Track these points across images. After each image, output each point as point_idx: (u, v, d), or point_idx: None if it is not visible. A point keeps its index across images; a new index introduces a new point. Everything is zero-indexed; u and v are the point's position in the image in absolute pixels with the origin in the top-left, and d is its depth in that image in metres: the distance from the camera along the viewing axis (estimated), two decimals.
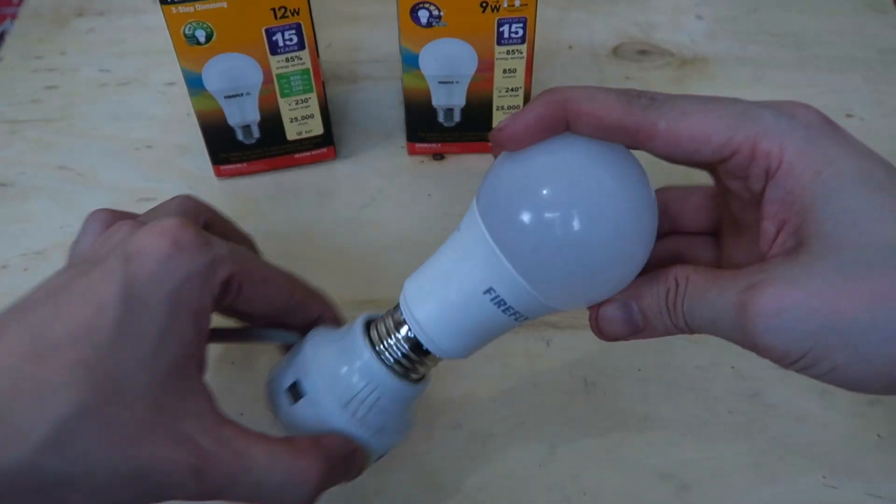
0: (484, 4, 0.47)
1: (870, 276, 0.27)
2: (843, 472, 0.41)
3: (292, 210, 0.53)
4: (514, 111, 0.53)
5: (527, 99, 0.52)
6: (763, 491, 0.41)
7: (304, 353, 0.37)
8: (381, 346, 0.36)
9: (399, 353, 0.36)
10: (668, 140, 0.30)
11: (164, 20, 0.46)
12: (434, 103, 0.53)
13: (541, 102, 0.31)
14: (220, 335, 0.39)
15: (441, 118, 0.53)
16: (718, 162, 0.30)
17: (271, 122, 0.52)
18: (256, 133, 0.53)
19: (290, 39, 0.48)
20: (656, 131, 0.30)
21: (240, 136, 0.52)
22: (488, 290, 0.33)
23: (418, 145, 0.55)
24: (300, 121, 0.53)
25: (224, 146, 0.53)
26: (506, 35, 0.49)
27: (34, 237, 0.52)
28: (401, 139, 0.57)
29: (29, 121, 0.59)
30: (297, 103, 0.52)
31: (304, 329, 0.38)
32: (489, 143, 0.44)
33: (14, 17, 0.68)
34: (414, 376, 0.36)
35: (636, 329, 0.33)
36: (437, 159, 0.56)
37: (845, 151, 0.29)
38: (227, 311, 0.37)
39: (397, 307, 0.36)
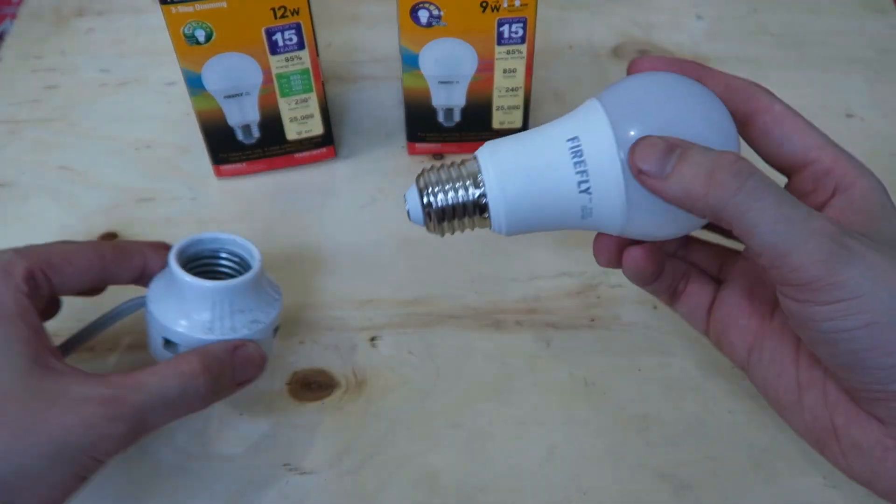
0: (484, 4, 0.47)
1: None
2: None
3: (292, 210, 0.53)
4: (513, 110, 0.53)
5: (527, 99, 0.52)
6: (763, 491, 0.41)
7: (151, 314, 0.40)
8: (432, 196, 0.36)
9: (453, 204, 0.35)
10: (772, 129, 0.35)
11: (163, 20, 0.46)
12: (434, 103, 0.53)
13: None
14: (71, 344, 0.42)
15: (441, 118, 0.53)
16: (801, 166, 0.34)
17: (271, 122, 0.52)
18: (256, 133, 0.53)
19: (290, 39, 0.48)
20: (772, 111, 0.35)
21: (240, 135, 0.52)
22: (572, 139, 0.33)
23: (418, 145, 0.55)
24: (300, 121, 0.53)
25: (224, 146, 0.53)
26: (506, 35, 0.49)
27: (34, 237, 0.52)
28: (401, 139, 0.57)
29: (29, 121, 0.59)
30: (296, 103, 0.52)
31: (135, 280, 0.41)
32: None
33: (14, 16, 0.68)
34: (446, 228, 0.37)
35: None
36: (437, 159, 0.56)
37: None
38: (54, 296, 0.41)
39: (459, 163, 0.36)
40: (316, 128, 0.53)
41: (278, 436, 0.43)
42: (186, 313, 0.39)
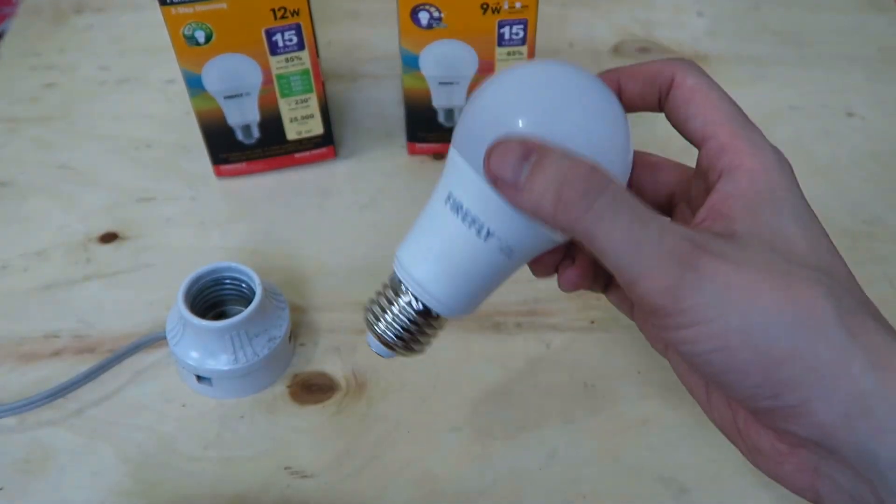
0: (485, 6, 0.47)
1: (788, 280, 0.28)
2: None
3: (292, 210, 0.53)
4: None
5: None
6: (762, 494, 0.41)
7: (176, 356, 0.43)
8: (381, 327, 0.36)
9: (401, 324, 0.35)
10: (681, 103, 0.33)
11: (162, 17, 0.46)
12: (434, 104, 0.52)
13: None
14: (85, 379, 0.44)
15: (441, 118, 0.53)
16: (701, 142, 0.32)
17: (271, 122, 0.52)
18: (256, 133, 0.52)
19: (290, 40, 0.48)
20: (683, 86, 0.32)
21: (239, 135, 0.52)
22: (447, 198, 0.32)
23: (418, 145, 0.55)
24: (300, 121, 0.53)
25: (224, 146, 0.53)
26: (506, 37, 0.49)
27: (34, 237, 0.52)
28: (401, 139, 0.57)
29: (28, 119, 0.59)
30: (296, 103, 0.52)
31: None
32: None
33: (13, 15, 0.67)
34: (415, 347, 0.36)
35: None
36: (437, 159, 0.56)
37: (798, 193, 0.31)
38: None
39: (386, 285, 0.36)
40: (316, 128, 0.53)
41: (279, 438, 0.43)
42: (210, 353, 0.42)
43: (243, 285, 0.44)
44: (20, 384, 0.45)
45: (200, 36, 0.47)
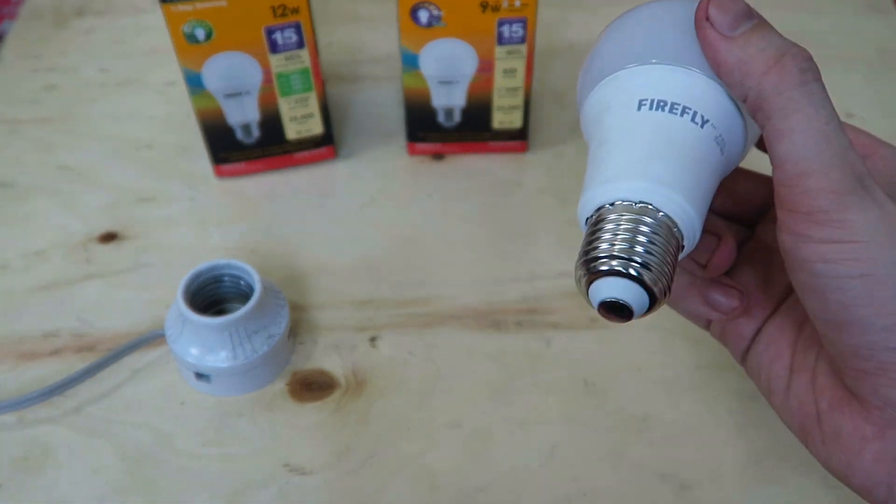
0: (484, 5, 0.47)
1: None
2: None
3: (292, 210, 0.53)
4: (513, 111, 0.53)
5: (527, 99, 0.52)
6: (763, 491, 0.41)
7: (175, 353, 0.43)
8: (654, 266, 0.26)
9: (662, 255, 0.26)
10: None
11: (163, 19, 0.46)
12: (434, 103, 0.53)
13: None
14: (84, 375, 0.44)
15: (441, 118, 0.53)
16: None
17: (271, 122, 0.52)
18: (256, 132, 0.52)
19: (290, 38, 0.48)
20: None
21: (239, 135, 0.52)
22: (640, 104, 0.29)
23: (418, 145, 0.55)
24: (300, 120, 0.53)
25: (224, 146, 0.53)
26: (506, 35, 0.49)
27: (34, 237, 0.52)
28: (401, 139, 0.57)
29: (29, 120, 0.59)
30: (296, 102, 0.52)
31: None
32: (488, 144, 0.44)
33: (12, 15, 0.68)
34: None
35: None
36: (437, 159, 0.56)
37: None
38: None
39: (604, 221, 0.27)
40: (316, 127, 0.53)
41: (278, 436, 0.43)
42: (209, 349, 0.42)
43: (242, 282, 0.44)
44: (19, 383, 0.45)
45: (200, 34, 0.47)
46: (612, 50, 0.31)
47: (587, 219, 0.28)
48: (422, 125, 0.54)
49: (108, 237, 0.52)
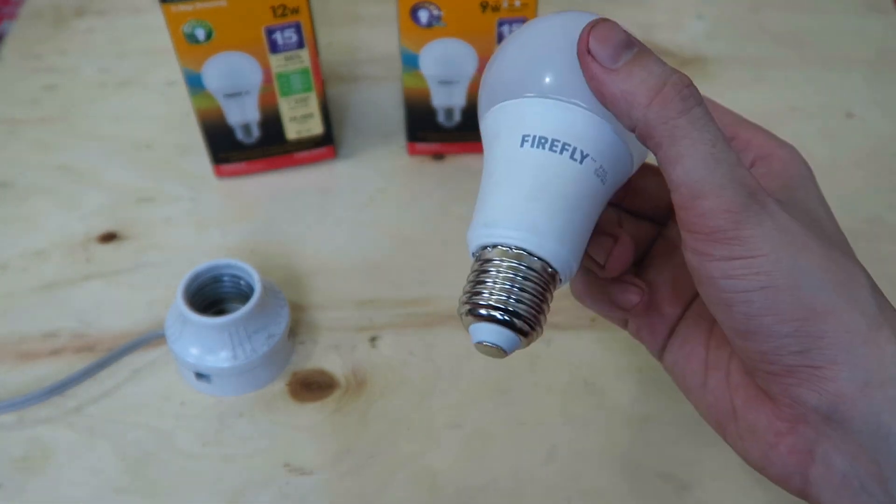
0: (484, 5, 0.47)
1: (829, 245, 0.29)
2: None
3: (292, 210, 0.53)
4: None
5: None
6: (763, 491, 0.41)
7: (175, 353, 0.42)
8: (518, 307, 0.29)
9: (530, 297, 0.29)
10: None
11: (163, 19, 0.46)
12: (434, 103, 0.53)
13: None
14: (83, 375, 0.44)
15: (441, 118, 0.53)
16: None
17: (271, 122, 0.52)
18: (256, 132, 0.52)
19: (290, 38, 0.48)
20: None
21: (239, 135, 0.52)
22: (523, 140, 0.30)
23: (418, 145, 0.55)
24: (300, 120, 0.53)
25: (224, 146, 0.53)
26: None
27: (34, 237, 0.52)
28: (401, 139, 0.57)
29: (28, 120, 0.59)
30: (296, 102, 0.52)
31: None
32: None
33: (14, 17, 0.68)
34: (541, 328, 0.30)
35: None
36: (437, 159, 0.56)
37: (816, 182, 0.33)
38: None
39: (480, 264, 0.29)
40: (316, 127, 0.53)
41: (278, 436, 0.43)
42: (210, 349, 0.42)
43: (242, 282, 0.44)
44: (19, 383, 0.45)
45: (200, 34, 0.47)
46: (502, 75, 0.31)
47: (473, 253, 0.30)
48: (422, 125, 0.54)
49: (108, 237, 0.52)
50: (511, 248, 0.29)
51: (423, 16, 0.48)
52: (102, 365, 0.44)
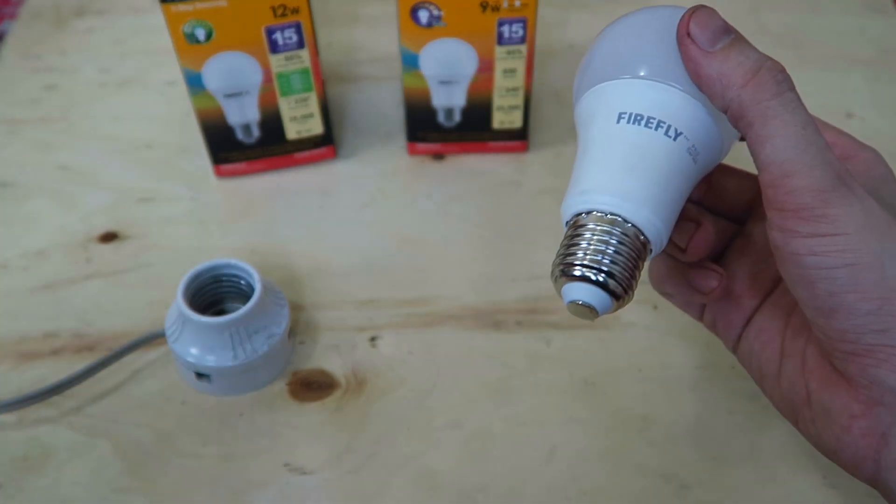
0: (484, 5, 0.47)
1: None
2: (844, 473, 0.41)
3: (292, 210, 0.53)
4: (513, 111, 0.53)
5: (527, 99, 0.52)
6: (763, 491, 0.41)
7: (176, 353, 0.42)
8: (610, 267, 0.30)
9: (624, 260, 0.30)
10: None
11: (163, 19, 0.46)
12: (434, 103, 0.53)
13: None
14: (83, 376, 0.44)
15: (441, 118, 0.53)
16: None
17: (271, 122, 0.52)
18: (256, 132, 0.52)
19: (290, 38, 0.48)
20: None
21: (240, 135, 0.52)
22: (619, 117, 0.31)
23: (418, 145, 0.55)
24: (300, 120, 0.53)
25: (224, 146, 0.53)
26: (506, 35, 0.49)
27: (34, 237, 0.52)
28: (401, 139, 0.57)
29: (28, 120, 0.59)
30: (296, 102, 0.52)
31: None
32: (488, 144, 0.43)
33: (14, 17, 0.68)
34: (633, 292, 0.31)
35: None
36: (437, 159, 0.56)
37: None
38: None
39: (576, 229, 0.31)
40: (316, 127, 0.53)
41: (278, 436, 0.43)
42: (210, 348, 0.42)
43: (242, 282, 0.44)
44: (19, 383, 0.45)
45: (201, 34, 0.47)
46: (601, 60, 0.33)
47: (567, 222, 0.31)
48: (422, 125, 0.54)
49: (108, 237, 0.52)
50: (606, 214, 0.30)
51: (423, 16, 0.48)
52: (102, 365, 0.44)
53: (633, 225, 0.30)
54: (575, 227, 0.30)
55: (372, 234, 0.52)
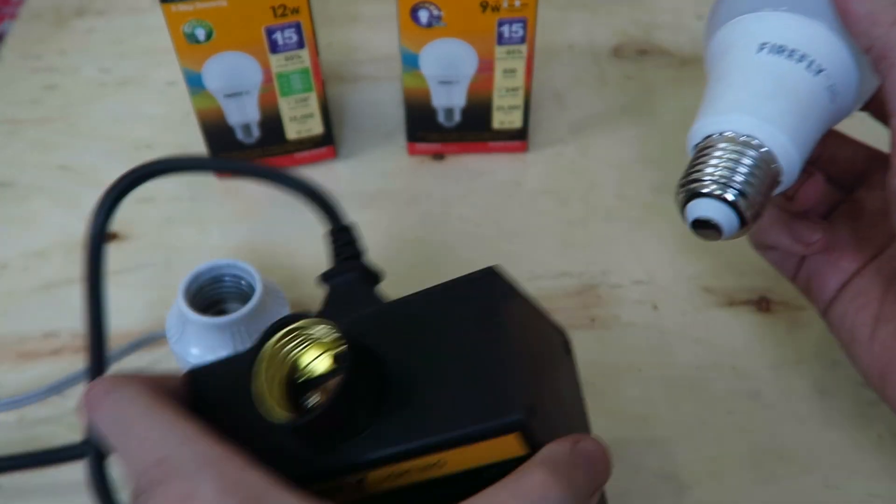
0: (484, 4, 0.47)
1: None
2: (844, 473, 0.41)
3: (292, 210, 0.53)
4: (513, 110, 0.53)
5: (527, 99, 0.52)
6: (763, 491, 0.41)
7: (177, 354, 0.41)
8: (742, 187, 0.29)
9: (759, 183, 0.29)
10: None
11: (163, 19, 0.46)
12: (434, 103, 0.53)
13: None
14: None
15: (441, 118, 0.53)
16: None
17: (271, 122, 0.52)
18: (256, 132, 0.52)
19: (290, 38, 0.48)
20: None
21: (239, 135, 0.52)
22: (761, 46, 0.31)
23: (418, 145, 0.55)
24: (300, 120, 0.53)
25: (224, 146, 0.53)
26: (506, 35, 0.49)
27: (34, 237, 0.52)
28: (401, 139, 0.57)
29: (29, 120, 0.59)
30: (296, 102, 0.52)
31: None
32: (488, 144, 0.43)
33: (14, 16, 0.68)
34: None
35: None
36: (437, 159, 0.56)
37: None
38: None
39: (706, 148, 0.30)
40: (316, 127, 0.53)
41: None
42: (211, 349, 0.42)
43: (243, 282, 0.44)
44: (19, 383, 0.45)
45: (201, 34, 0.47)
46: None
47: (696, 145, 0.30)
48: (422, 125, 0.54)
49: (108, 237, 0.52)
50: (741, 136, 0.29)
51: (424, 16, 0.48)
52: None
53: (768, 150, 0.29)
54: (703, 149, 0.29)
55: (372, 234, 0.52)
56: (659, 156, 0.56)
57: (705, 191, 0.28)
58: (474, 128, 0.54)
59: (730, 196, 0.28)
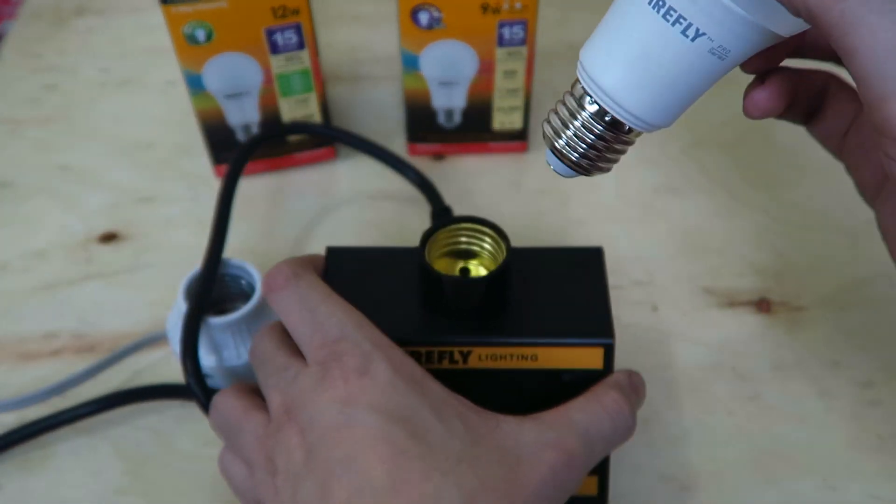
0: (485, 6, 0.47)
1: None
2: (844, 474, 0.41)
3: (292, 210, 0.53)
4: (514, 112, 0.53)
5: (527, 100, 0.52)
6: (763, 492, 0.41)
7: (178, 353, 0.41)
8: (560, 143, 0.32)
9: (586, 141, 0.31)
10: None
11: (163, 19, 0.46)
12: (434, 105, 0.53)
13: None
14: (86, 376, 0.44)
15: (441, 119, 0.53)
16: None
17: (271, 122, 0.52)
18: (256, 133, 0.52)
19: (290, 39, 0.48)
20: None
21: (240, 135, 0.52)
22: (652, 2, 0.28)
23: (418, 146, 0.55)
24: (300, 120, 0.53)
25: (224, 146, 0.53)
26: (506, 37, 0.49)
27: (34, 237, 0.52)
28: (401, 139, 0.57)
29: (28, 120, 0.59)
30: (297, 103, 0.52)
31: None
32: (489, 145, 0.43)
33: (14, 16, 0.68)
34: (602, 166, 0.32)
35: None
36: (437, 160, 0.56)
37: None
38: None
39: (568, 92, 0.32)
40: None
41: None
42: (211, 349, 0.42)
43: (243, 282, 0.44)
44: (20, 383, 0.45)
45: (201, 35, 0.47)
46: None
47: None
48: (422, 126, 0.54)
49: (108, 237, 0.52)
50: (593, 101, 0.30)
51: (424, 17, 0.48)
52: (103, 366, 0.44)
53: (609, 112, 0.30)
54: (569, 93, 0.32)
55: (372, 234, 0.52)
56: (659, 156, 0.56)
57: (546, 140, 0.32)
58: (474, 128, 0.54)
59: (558, 145, 0.32)
